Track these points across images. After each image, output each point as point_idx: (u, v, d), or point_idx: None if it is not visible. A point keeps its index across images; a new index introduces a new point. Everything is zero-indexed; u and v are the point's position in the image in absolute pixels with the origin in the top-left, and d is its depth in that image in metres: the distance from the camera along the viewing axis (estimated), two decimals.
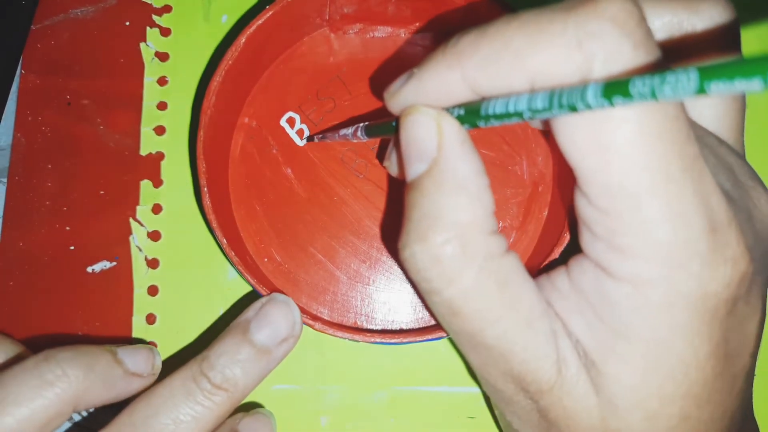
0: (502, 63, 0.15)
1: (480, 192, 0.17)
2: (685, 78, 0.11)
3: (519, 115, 0.15)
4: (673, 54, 0.18)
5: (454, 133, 0.17)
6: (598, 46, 0.14)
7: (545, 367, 0.17)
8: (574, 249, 0.18)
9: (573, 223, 0.22)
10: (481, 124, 0.16)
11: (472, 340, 0.18)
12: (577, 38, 0.14)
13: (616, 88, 0.12)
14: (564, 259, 0.18)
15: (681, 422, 0.16)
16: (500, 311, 0.17)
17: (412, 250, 0.17)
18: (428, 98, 0.17)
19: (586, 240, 0.17)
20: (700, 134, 0.17)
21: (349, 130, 0.23)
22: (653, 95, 0.12)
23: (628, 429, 0.17)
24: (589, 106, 0.13)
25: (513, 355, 0.17)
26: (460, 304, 0.17)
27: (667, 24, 0.18)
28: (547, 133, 0.27)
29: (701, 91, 0.11)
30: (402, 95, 0.18)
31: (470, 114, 0.16)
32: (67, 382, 0.20)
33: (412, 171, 0.18)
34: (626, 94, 0.12)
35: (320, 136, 0.26)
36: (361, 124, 0.22)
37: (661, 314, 0.15)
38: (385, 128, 0.19)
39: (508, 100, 0.15)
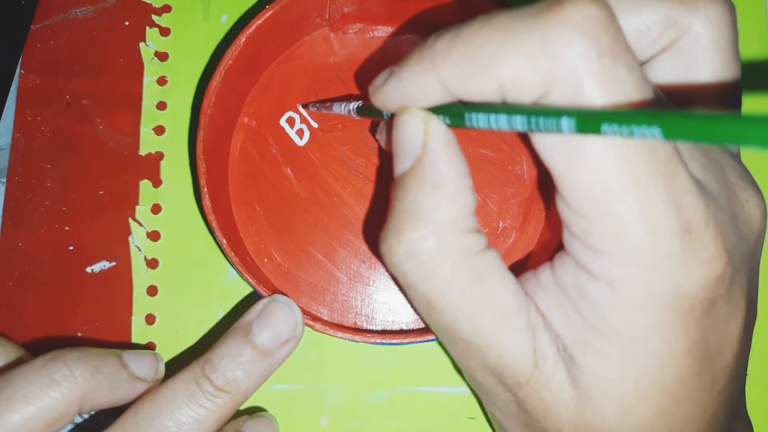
0: (472, 69, 0.16)
1: (460, 192, 0.17)
2: (649, 132, 0.12)
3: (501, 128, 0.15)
4: (669, 54, 0.18)
5: (440, 134, 0.17)
6: (564, 55, 0.14)
7: (521, 361, 0.17)
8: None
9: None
10: (470, 126, 0.17)
11: (450, 335, 0.18)
12: (542, 47, 0.14)
13: (588, 126, 0.13)
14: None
15: (657, 418, 0.17)
16: (475, 307, 0.17)
17: (389, 243, 0.18)
18: (407, 97, 0.17)
19: (566, 238, 0.17)
20: None
21: (342, 106, 0.23)
22: (624, 135, 0.12)
23: (604, 422, 0.17)
24: (563, 133, 0.14)
25: (489, 350, 0.17)
26: (436, 299, 0.17)
27: (663, 19, 0.18)
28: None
29: (666, 139, 0.12)
30: (383, 92, 0.18)
31: (456, 121, 0.17)
32: (74, 382, 0.20)
33: (399, 167, 0.18)
34: (597, 132, 0.13)
35: (315, 106, 0.26)
36: (354, 104, 0.23)
37: (636, 312, 0.16)
38: (376, 111, 0.20)
39: (489, 116, 0.15)
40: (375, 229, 0.26)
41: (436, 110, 0.17)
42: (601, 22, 0.14)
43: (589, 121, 0.13)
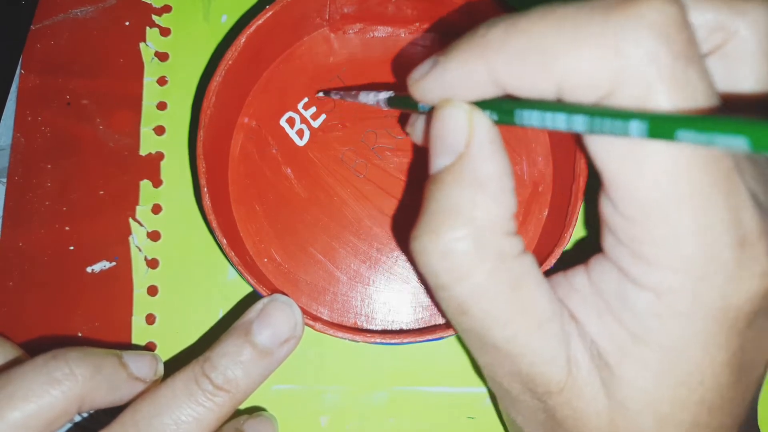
0: (530, 62, 0.15)
1: (501, 192, 0.17)
2: (734, 142, 0.11)
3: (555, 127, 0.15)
4: (714, 58, 0.18)
5: (485, 130, 0.17)
6: (636, 54, 0.14)
7: (554, 369, 0.17)
8: (585, 249, 0.18)
9: (590, 222, 0.21)
10: (520, 124, 0.16)
11: (479, 340, 0.18)
12: (614, 44, 0.14)
13: (662, 131, 0.12)
14: (568, 259, 0.18)
15: (691, 428, 0.16)
16: (510, 313, 0.17)
17: (423, 242, 0.17)
18: (451, 89, 0.17)
19: (608, 243, 0.16)
20: None
21: (371, 96, 0.22)
22: (701, 143, 0.12)
23: (638, 431, 0.16)
24: (629, 136, 0.13)
25: (522, 358, 0.17)
26: (469, 303, 0.17)
27: (710, 22, 0.17)
28: (551, 133, 0.27)
29: (754, 150, 0.11)
30: (425, 84, 0.17)
31: (503, 118, 0.16)
32: (74, 381, 0.20)
33: (437, 164, 0.17)
34: (671, 138, 0.12)
35: (338, 94, 0.25)
36: (384, 95, 0.22)
37: (681, 323, 0.15)
38: (410, 103, 0.19)
39: (544, 115, 0.15)
40: (375, 229, 0.26)
41: (482, 105, 0.16)
42: (677, 21, 0.14)
43: (663, 125, 0.12)
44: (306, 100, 0.27)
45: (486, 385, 0.27)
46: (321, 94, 0.27)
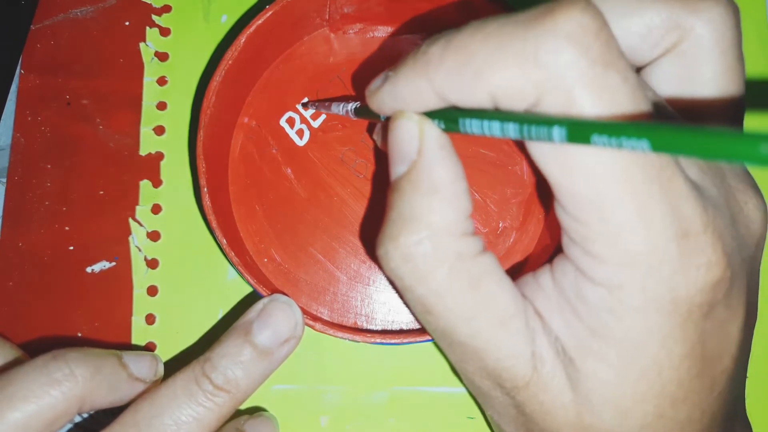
0: (464, 77, 0.16)
1: (455, 195, 0.17)
2: (638, 144, 0.12)
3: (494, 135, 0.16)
4: (671, 57, 0.18)
5: (434, 138, 0.17)
6: (554, 64, 0.14)
7: (519, 364, 0.17)
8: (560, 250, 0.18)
9: None
10: (464, 131, 0.17)
11: (446, 338, 0.18)
12: (534, 56, 0.14)
13: (578, 136, 0.13)
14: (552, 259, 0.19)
15: (655, 420, 0.17)
16: (472, 310, 0.17)
17: (386, 248, 0.18)
18: (401, 101, 0.18)
19: (565, 243, 0.17)
20: None
21: (341, 107, 0.24)
22: (614, 147, 0.13)
23: (602, 424, 0.17)
24: (554, 142, 0.14)
25: (486, 353, 0.17)
26: (432, 302, 0.17)
27: (665, 21, 0.18)
28: None
29: (655, 151, 0.12)
30: (378, 96, 0.18)
31: (450, 126, 0.17)
32: (75, 381, 0.20)
33: (394, 172, 0.18)
34: (587, 142, 0.13)
35: (315, 106, 0.26)
36: (351, 105, 0.23)
37: (634, 316, 0.16)
38: (373, 113, 0.20)
39: (482, 123, 0.16)
40: (375, 229, 0.26)
41: (432, 114, 0.17)
42: (592, 30, 0.14)
43: (579, 131, 0.13)
44: (306, 100, 0.27)
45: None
46: (300, 107, 0.27)
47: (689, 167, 0.16)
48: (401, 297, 0.19)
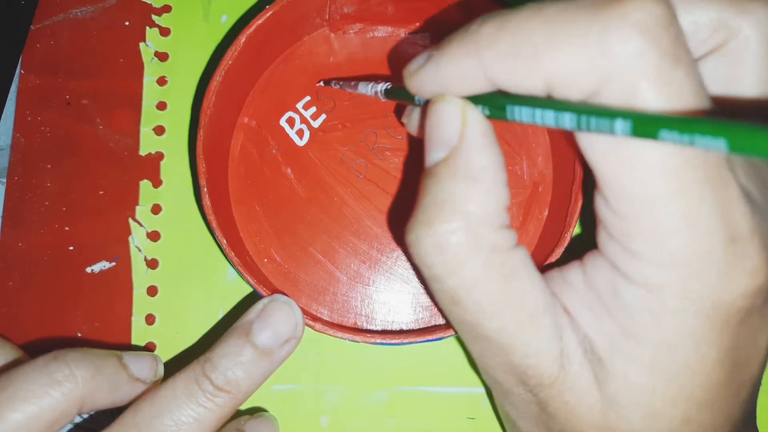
0: (520, 60, 0.15)
1: (495, 185, 0.17)
2: (714, 143, 0.11)
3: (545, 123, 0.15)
4: (716, 56, 0.18)
5: (478, 124, 0.17)
6: (622, 53, 0.14)
7: (546, 362, 0.17)
8: (580, 246, 0.18)
9: (585, 219, 0.22)
10: (511, 119, 0.16)
11: (472, 331, 0.18)
12: (600, 43, 0.14)
13: (645, 130, 0.12)
14: (567, 258, 0.18)
15: (682, 424, 0.16)
16: (502, 305, 0.17)
17: (417, 234, 0.17)
18: (445, 83, 0.17)
19: (602, 239, 0.17)
20: None
21: (369, 87, 0.23)
22: (684, 143, 0.12)
23: (629, 426, 0.17)
24: (615, 135, 0.13)
25: (513, 349, 0.17)
26: (461, 294, 0.17)
27: (713, 21, 0.17)
28: (551, 131, 0.27)
29: (731, 152, 0.11)
30: (419, 77, 0.17)
31: (495, 113, 0.16)
32: (75, 382, 0.20)
33: (431, 157, 0.18)
34: (654, 137, 0.12)
35: (339, 84, 0.25)
36: (382, 86, 0.22)
37: (672, 319, 0.15)
38: (406, 95, 0.19)
39: (534, 111, 0.15)
40: (375, 229, 0.26)
41: (475, 99, 0.17)
42: (663, 21, 0.14)
43: (646, 125, 0.12)
44: (306, 100, 0.27)
45: (484, 384, 0.27)
46: (321, 83, 0.27)
47: (736, 171, 0.16)
48: (426, 285, 0.19)
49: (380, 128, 0.27)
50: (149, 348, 0.27)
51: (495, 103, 0.16)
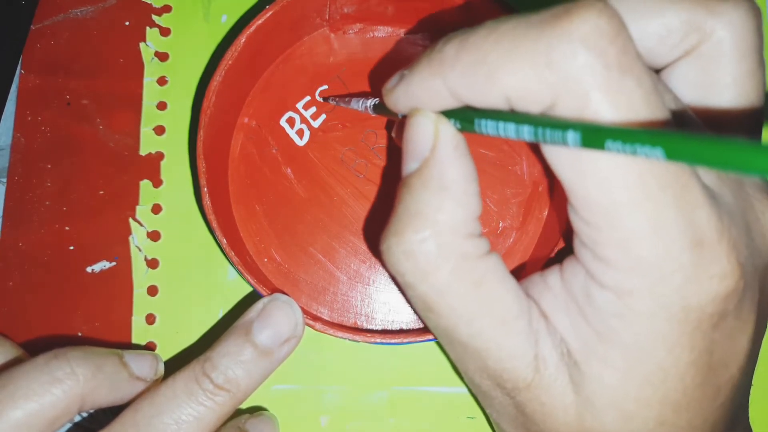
0: (478, 77, 0.15)
1: (465, 196, 0.17)
2: (652, 152, 0.12)
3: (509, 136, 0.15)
4: (690, 59, 0.18)
5: (449, 137, 0.17)
6: (569, 68, 0.14)
7: (521, 366, 0.17)
8: (570, 250, 0.18)
9: (567, 227, 0.22)
10: (479, 132, 0.17)
11: (447, 336, 0.18)
12: (547, 59, 0.14)
13: (593, 141, 0.13)
14: (562, 259, 0.18)
15: (657, 426, 0.17)
16: (474, 310, 0.17)
17: (389, 243, 0.18)
18: (417, 100, 0.18)
19: (576, 245, 0.17)
20: None
21: (360, 103, 0.24)
22: (628, 153, 0.12)
23: (603, 427, 0.17)
24: (569, 146, 0.14)
25: (488, 354, 0.17)
26: (433, 300, 0.17)
27: (685, 23, 0.17)
28: None
29: (668, 160, 0.12)
30: (395, 95, 0.18)
31: (466, 126, 0.17)
32: (76, 380, 0.20)
33: (406, 169, 0.18)
34: (602, 148, 0.13)
35: (335, 100, 0.26)
36: (371, 101, 0.23)
37: (642, 323, 0.16)
38: (391, 111, 0.20)
39: (497, 124, 0.15)
40: (375, 229, 0.26)
41: (448, 114, 0.17)
42: (608, 33, 0.14)
43: (593, 136, 0.13)
44: (306, 100, 0.27)
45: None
46: (320, 99, 0.27)
47: (706, 174, 0.16)
48: (402, 292, 0.19)
49: (380, 128, 0.27)
50: (149, 348, 0.27)
51: (465, 117, 0.17)
